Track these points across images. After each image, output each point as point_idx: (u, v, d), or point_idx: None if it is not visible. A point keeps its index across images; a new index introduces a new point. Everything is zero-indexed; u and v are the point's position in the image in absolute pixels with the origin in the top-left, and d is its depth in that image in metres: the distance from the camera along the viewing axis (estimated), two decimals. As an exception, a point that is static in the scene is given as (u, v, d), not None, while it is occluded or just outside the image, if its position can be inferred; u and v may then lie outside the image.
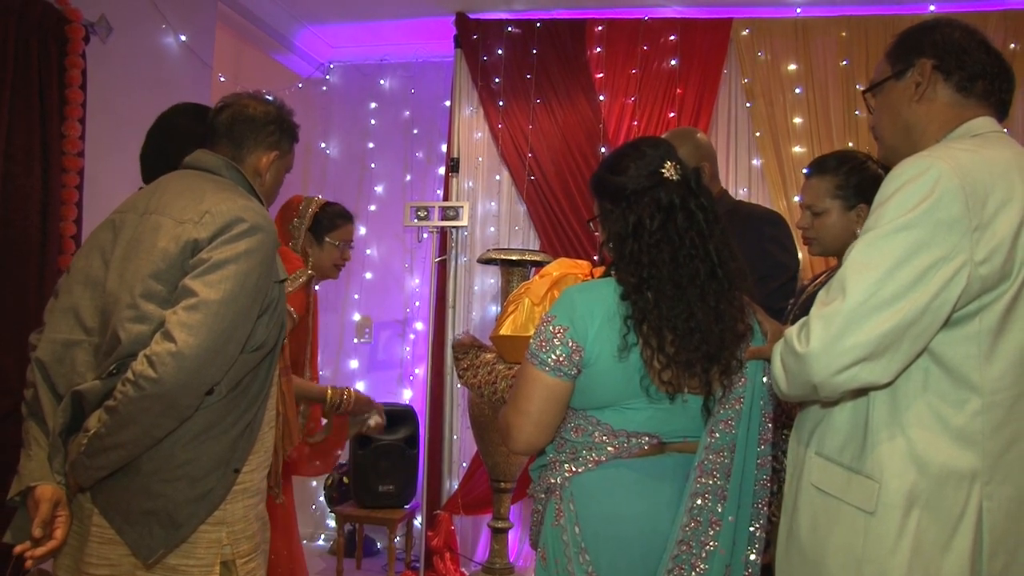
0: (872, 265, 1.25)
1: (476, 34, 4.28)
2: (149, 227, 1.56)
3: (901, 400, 1.32)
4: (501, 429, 1.60)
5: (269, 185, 1.78)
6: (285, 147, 1.79)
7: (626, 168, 1.56)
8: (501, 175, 4.34)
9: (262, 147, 1.74)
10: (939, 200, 1.25)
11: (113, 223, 1.65)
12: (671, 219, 1.51)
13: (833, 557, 1.35)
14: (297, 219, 2.54)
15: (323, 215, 2.57)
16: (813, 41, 3.93)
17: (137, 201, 1.65)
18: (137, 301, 1.49)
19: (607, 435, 1.53)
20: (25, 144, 2.84)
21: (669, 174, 1.53)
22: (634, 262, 1.51)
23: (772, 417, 1.63)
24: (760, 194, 4.01)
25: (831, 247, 2.05)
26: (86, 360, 1.58)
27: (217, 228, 1.51)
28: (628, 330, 1.48)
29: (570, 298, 1.54)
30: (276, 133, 1.76)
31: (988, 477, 1.28)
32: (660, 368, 1.49)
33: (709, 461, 1.52)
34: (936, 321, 1.25)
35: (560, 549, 1.52)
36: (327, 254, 2.57)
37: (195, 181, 1.63)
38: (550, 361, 1.49)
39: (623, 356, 1.48)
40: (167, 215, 1.56)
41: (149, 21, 3.55)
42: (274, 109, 1.77)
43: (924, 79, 1.44)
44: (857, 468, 1.34)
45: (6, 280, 2.79)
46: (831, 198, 2.02)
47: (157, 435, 1.46)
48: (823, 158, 2.10)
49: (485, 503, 3.98)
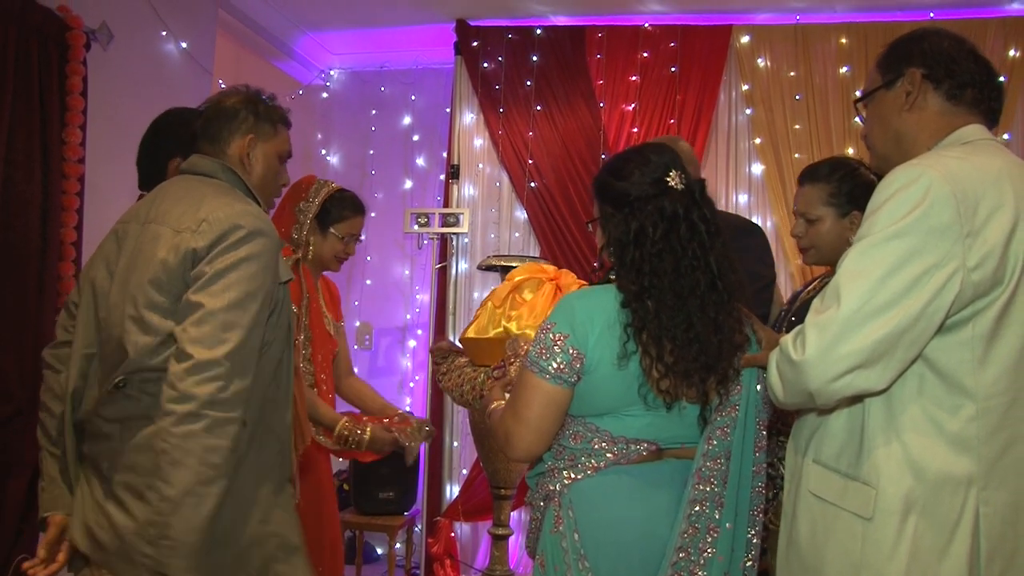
0: (865, 273, 1.26)
1: (476, 41, 4.29)
2: (149, 237, 1.56)
3: (896, 406, 1.32)
4: (499, 437, 1.59)
5: (260, 174, 1.73)
6: (265, 129, 1.73)
7: (630, 174, 1.54)
8: (501, 181, 4.34)
9: (237, 135, 1.70)
10: (931, 207, 1.25)
11: (116, 233, 1.66)
12: (674, 229, 1.51)
13: (832, 564, 1.35)
14: (304, 202, 2.40)
15: (332, 203, 2.43)
16: (813, 48, 3.93)
17: (139, 210, 1.65)
18: (141, 312, 1.50)
19: (606, 442, 1.53)
20: (26, 150, 2.84)
21: (674, 183, 1.52)
22: (635, 270, 1.50)
23: (767, 424, 1.63)
24: (760, 201, 4.02)
25: (826, 255, 2.04)
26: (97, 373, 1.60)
27: (215, 236, 1.51)
28: (628, 338, 1.48)
29: (570, 305, 1.54)
30: (249, 118, 1.71)
31: (984, 482, 1.28)
32: (659, 377, 1.48)
33: (707, 468, 1.52)
34: (930, 327, 1.26)
35: (559, 556, 1.52)
36: (329, 245, 2.43)
37: (193, 187, 1.62)
38: (551, 369, 1.49)
39: (623, 364, 1.47)
40: (166, 224, 1.56)
41: (150, 28, 3.56)
42: (244, 96, 1.73)
43: (914, 88, 1.45)
44: (854, 475, 1.34)
45: (6, 285, 2.79)
46: (824, 205, 2.01)
47: (215, 461, 1.41)
48: (815, 165, 2.09)
49: (485, 510, 3.97)
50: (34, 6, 2.86)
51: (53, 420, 1.66)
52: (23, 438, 2.79)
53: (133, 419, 1.50)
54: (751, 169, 4.05)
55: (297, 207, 2.40)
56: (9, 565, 1.49)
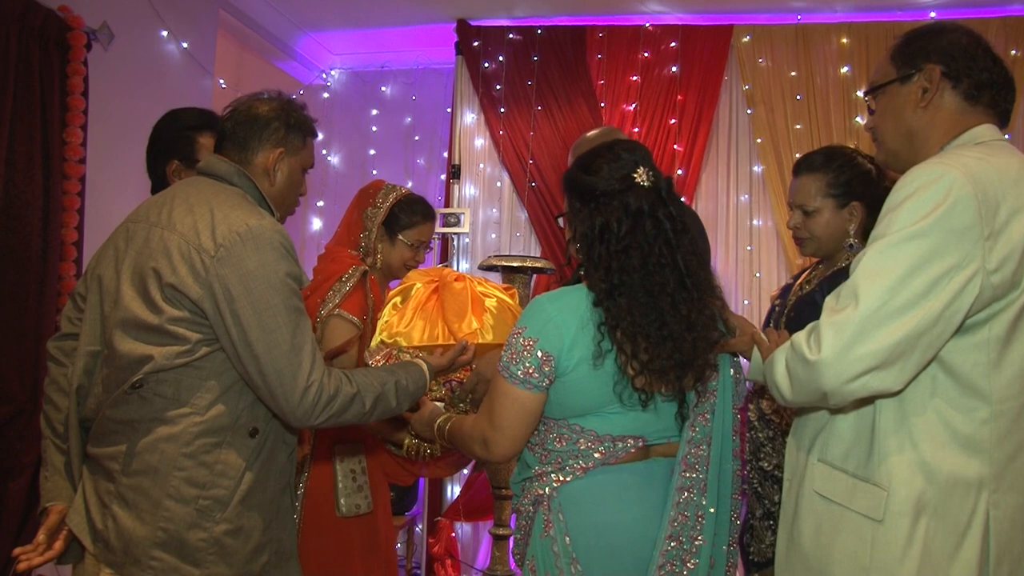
0: (884, 273, 1.24)
1: (477, 41, 4.29)
2: (156, 241, 1.54)
3: (909, 407, 1.31)
4: (476, 440, 1.60)
5: (281, 186, 1.71)
6: (295, 143, 1.72)
7: (599, 169, 1.54)
8: (502, 181, 4.34)
9: (267, 145, 1.68)
10: (952, 208, 1.23)
11: (127, 231, 1.63)
12: (639, 225, 1.50)
13: (839, 565, 1.33)
14: (372, 208, 2.28)
15: (400, 209, 2.29)
16: (814, 47, 3.93)
17: (149, 211, 1.63)
18: (147, 318, 1.49)
19: (592, 441, 1.52)
20: (26, 151, 2.84)
21: (641, 179, 1.52)
22: (604, 267, 1.50)
23: (739, 408, 1.65)
24: (761, 200, 4.02)
25: (825, 246, 2.02)
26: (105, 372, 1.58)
27: (225, 250, 1.48)
28: (603, 336, 1.47)
29: (541, 308, 1.53)
30: (281, 129, 1.69)
31: (995, 485, 1.28)
32: (634, 375, 1.48)
33: (691, 455, 1.54)
34: (948, 329, 1.24)
35: (551, 560, 1.51)
36: (398, 253, 2.29)
37: (205, 193, 1.59)
38: (519, 374, 1.49)
39: (598, 363, 1.47)
40: (175, 231, 1.53)
41: (151, 28, 3.55)
42: (277, 105, 1.71)
43: (932, 85, 1.42)
44: (863, 476, 1.33)
45: (7, 286, 2.79)
46: (823, 197, 1.98)
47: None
48: (810, 156, 2.05)
49: (486, 510, 3.97)
50: (35, 7, 2.85)
51: (59, 414, 1.65)
52: (24, 439, 2.80)
53: (144, 421, 1.49)
54: (752, 169, 4.05)
55: (365, 213, 2.30)
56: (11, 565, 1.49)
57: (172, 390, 1.49)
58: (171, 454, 1.47)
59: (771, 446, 2.05)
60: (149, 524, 1.46)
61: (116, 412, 1.51)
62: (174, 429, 1.48)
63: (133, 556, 1.46)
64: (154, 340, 1.49)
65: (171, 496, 1.46)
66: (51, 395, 1.68)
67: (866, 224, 1.94)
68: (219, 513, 1.49)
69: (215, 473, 1.49)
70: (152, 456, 1.47)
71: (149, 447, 1.48)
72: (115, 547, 1.47)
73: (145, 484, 1.47)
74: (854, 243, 1.96)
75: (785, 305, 2.12)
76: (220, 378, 1.52)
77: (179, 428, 1.48)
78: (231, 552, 1.51)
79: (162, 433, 1.48)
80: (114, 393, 1.51)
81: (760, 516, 2.06)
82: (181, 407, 1.49)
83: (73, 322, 1.70)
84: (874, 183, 1.96)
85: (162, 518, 1.46)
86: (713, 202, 4.08)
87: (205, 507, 1.48)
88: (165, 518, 1.46)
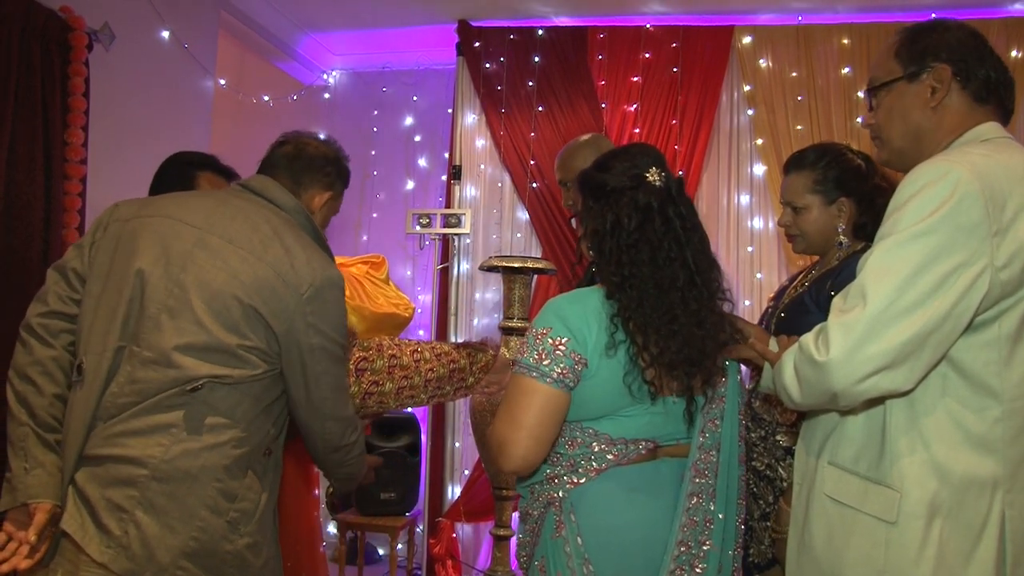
0: (892, 271, 1.23)
1: (478, 42, 4.29)
2: (237, 262, 1.53)
3: (919, 408, 1.30)
4: (492, 446, 1.51)
5: (319, 226, 1.78)
6: (338, 189, 1.83)
7: (612, 166, 1.59)
8: (503, 182, 4.34)
9: (318, 185, 1.76)
10: (959, 204, 1.23)
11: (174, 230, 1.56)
12: (648, 221, 1.52)
13: (852, 568, 1.32)
14: None
15: None
16: (815, 48, 3.93)
17: (186, 212, 1.58)
18: (223, 340, 1.49)
19: (606, 444, 1.53)
20: (28, 152, 2.84)
21: (652, 179, 1.55)
22: (614, 261, 1.52)
23: (743, 413, 1.66)
24: (763, 201, 4.02)
25: (814, 243, 2.01)
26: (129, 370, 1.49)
27: (313, 295, 1.56)
28: (616, 328, 1.49)
29: (561, 309, 1.52)
30: (332, 174, 1.79)
31: (1009, 485, 1.27)
32: (644, 367, 1.49)
33: (702, 460, 1.55)
34: (958, 327, 1.24)
35: (563, 561, 1.51)
36: None
37: (268, 217, 1.61)
38: (554, 374, 1.46)
39: (611, 354, 1.48)
40: (263, 260, 1.54)
41: (152, 29, 3.55)
42: (333, 151, 1.81)
43: (942, 85, 1.41)
44: (876, 478, 1.32)
45: (8, 286, 2.78)
46: (811, 193, 1.98)
47: None
48: (801, 153, 2.05)
49: (487, 510, 3.97)
50: (37, 7, 2.85)
51: (41, 399, 1.53)
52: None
53: (187, 428, 1.46)
54: (753, 170, 4.05)
55: None
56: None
57: (223, 402, 1.49)
58: (211, 464, 1.46)
59: (763, 446, 2.04)
60: (181, 533, 1.44)
61: (152, 416, 1.46)
62: (219, 439, 1.48)
63: (159, 564, 1.42)
64: (219, 360, 1.49)
65: (207, 506, 1.46)
66: (32, 375, 1.55)
67: (856, 220, 1.95)
68: (244, 527, 1.50)
69: (244, 487, 1.51)
70: (192, 463, 1.45)
71: (189, 454, 1.45)
72: (137, 554, 1.42)
73: (180, 491, 1.44)
74: (844, 241, 1.96)
75: (778, 307, 2.12)
76: (262, 396, 1.55)
77: (223, 439, 1.48)
78: (248, 566, 1.52)
79: (207, 441, 1.47)
80: (154, 397, 1.46)
81: (758, 517, 2.06)
82: (226, 418, 1.49)
83: (64, 301, 1.60)
84: (863, 179, 1.96)
85: (196, 528, 1.45)
86: (714, 203, 4.07)
87: (235, 520, 1.49)
88: (199, 528, 1.45)
